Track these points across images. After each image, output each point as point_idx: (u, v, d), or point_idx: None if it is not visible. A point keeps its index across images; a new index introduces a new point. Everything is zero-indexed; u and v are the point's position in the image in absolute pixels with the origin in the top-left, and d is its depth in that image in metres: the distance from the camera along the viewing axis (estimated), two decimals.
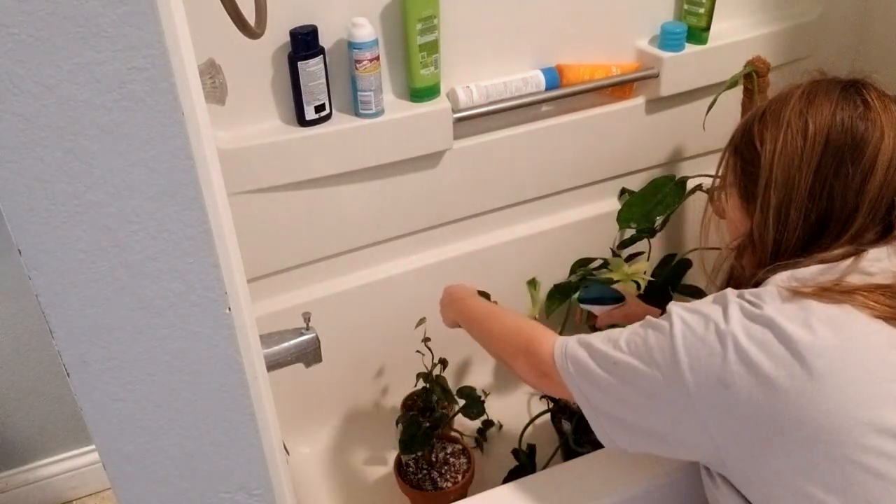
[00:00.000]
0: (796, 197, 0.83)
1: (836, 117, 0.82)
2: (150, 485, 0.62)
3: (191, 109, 0.50)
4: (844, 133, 0.81)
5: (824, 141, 0.81)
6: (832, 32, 1.68)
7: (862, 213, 0.81)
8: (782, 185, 0.84)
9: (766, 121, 0.87)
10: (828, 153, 0.81)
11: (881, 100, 0.83)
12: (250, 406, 0.61)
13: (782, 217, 0.84)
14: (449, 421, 1.42)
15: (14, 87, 0.44)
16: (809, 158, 0.82)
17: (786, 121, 0.84)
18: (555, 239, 1.64)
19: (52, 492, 1.59)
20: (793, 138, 0.83)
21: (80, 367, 0.55)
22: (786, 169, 0.83)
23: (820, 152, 0.81)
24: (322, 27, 1.26)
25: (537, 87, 1.46)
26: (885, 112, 0.82)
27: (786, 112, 0.85)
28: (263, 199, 1.33)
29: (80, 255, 0.51)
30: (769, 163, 0.85)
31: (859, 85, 0.85)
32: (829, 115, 0.82)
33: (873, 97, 0.83)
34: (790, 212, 0.84)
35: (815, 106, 0.83)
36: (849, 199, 0.81)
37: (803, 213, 0.83)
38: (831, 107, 0.82)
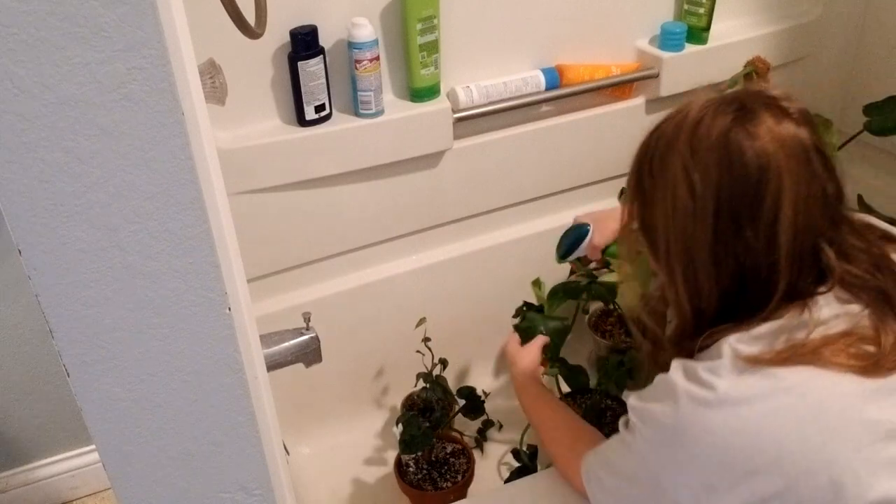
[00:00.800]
0: (700, 264, 0.74)
1: (722, 169, 0.71)
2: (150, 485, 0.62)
3: (191, 109, 0.50)
4: (734, 188, 0.70)
5: (714, 202, 0.71)
6: (832, 32, 1.68)
7: (781, 270, 0.72)
8: (681, 253, 0.75)
9: (653, 172, 0.77)
10: (722, 216, 0.71)
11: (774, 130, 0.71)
12: (250, 406, 0.61)
13: (691, 284, 0.76)
14: (449, 421, 1.42)
15: (14, 87, 0.44)
16: (703, 224, 0.72)
17: (672, 176, 0.74)
18: (555, 239, 1.63)
19: (52, 492, 1.59)
20: (681, 198, 0.73)
21: (80, 367, 0.55)
22: (680, 235, 0.74)
23: (712, 216, 0.71)
24: (322, 27, 1.26)
25: (537, 87, 1.46)
26: (780, 142, 0.70)
27: (671, 163, 0.74)
28: (263, 199, 1.33)
29: (80, 255, 0.51)
30: (664, 229, 0.75)
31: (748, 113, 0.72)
32: (714, 170, 0.71)
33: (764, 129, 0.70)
34: (699, 279, 0.75)
35: (699, 156, 0.72)
36: (760, 259, 0.72)
37: (714, 278, 0.74)
38: (717, 155, 0.71)
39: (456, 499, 1.32)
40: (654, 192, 0.76)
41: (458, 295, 1.58)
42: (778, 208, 0.70)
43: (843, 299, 0.73)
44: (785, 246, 0.71)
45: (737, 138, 0.71)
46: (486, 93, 1.42)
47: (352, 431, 1.62)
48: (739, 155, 0.70)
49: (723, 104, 0.74)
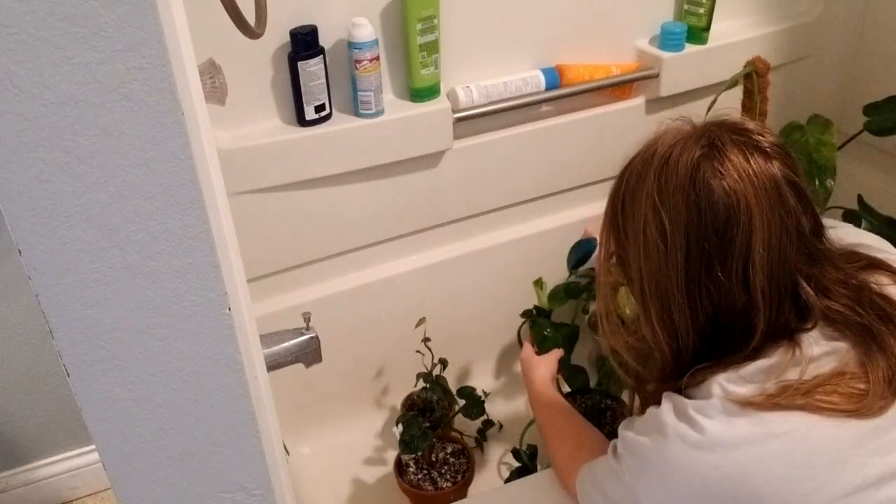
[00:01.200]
0: (675, 305, 0.72)
1: (690, 209, 0.69)
2: (150, 485, 0.62)
3: (191, 109, 0.50)
4: (703, 229, 0.69)
5: (684, 245, 0.70)
6: (832, 32, 1.68)
7: (759, 309, 0.70)
8: (656, 295, 0.73)
9: (625, 210, 0.76)
10: (692, 258, 0.70)
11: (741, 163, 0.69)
12: (250, 406, 0.61)
13: (668, 325, 0.74)
14: (449, 421, 1.42)
15: (14, 87, 0.44)
16: (675, 265, 0.71)
17: (642, 216, 0.73)
18: (555, 239, 1.64)
19: (52, 492, 1.59)
20: (651, 240, 0.72)
21: (80, 367, 0.55)
22: (654, 276, 0.73)
23: (683, 258, 0.70)
24: (322, 27, 1.26)
25: (537, 87, 1.46)
26: (749, 178, 0.68)
27: (641, 202, 0.73)
28: (263, 199, 1.33)
29: (80, 255, 0.51)
30: (637, 267, 0.74)
31: (715, 149, 0.70)
32: (683, 210, 0.69)
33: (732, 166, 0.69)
34: (675, 320, 0.73)
35: (667, 196, 0.70)
36: (735, 300, 0.70)
37: (689, 320, 0.72)
38: (684, 194, 0.69)
39: (456, 499, 1.32)
40: (627, 230, 0.75)
41: (458, 295, 1.58)
42: (750, 248, 0.69)
43: (829, 336, 0.72)
44: (760, 286, 0.69)
45: (704, 176, 0.69)
46: (486, 93, 1.42)
47: (352, 431, 1.62)
48: (707, 194, 0.69)
49: (691, 139, 0.72)
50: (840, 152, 1.34)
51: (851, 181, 1.59)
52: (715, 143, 0.71)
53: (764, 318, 0.71)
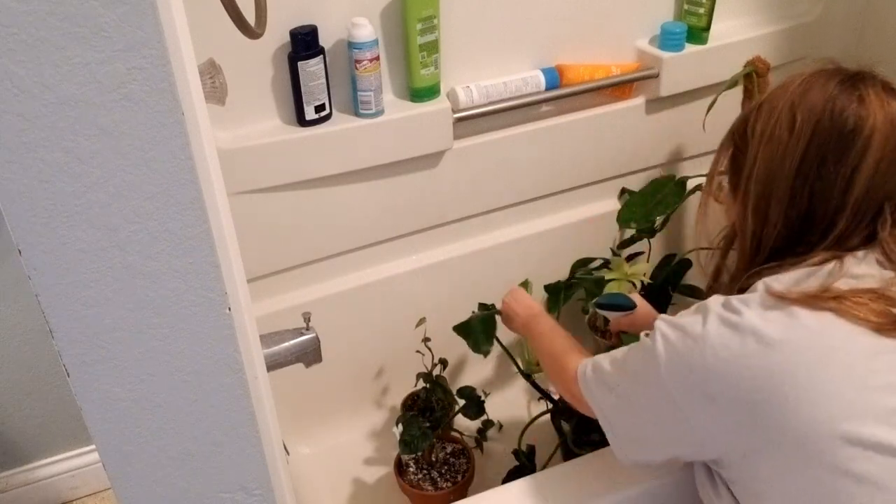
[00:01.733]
0: (777, 192, 0.81)
1: (825, 112, 0.78)
2: (150, 485, 0.62)
3: (191, 109, 0.50)
4: (831, 129, 0.78)
5: (808, 137, 0.78)
6: (832, 32, 1.68)
7: (845, 216, 0.78)
8: (763, 179, 0.82)
9: (761, 111, 0.84)
10: (811, 150, 0.78)
11: (881, 96, 0.79)
12: (250, 406, 0.61)
13: (761, 212, 0.83)
14: (449, 421, 1.42)
15: (14, 87, 0.44)
16: (792, 153, 0.79)
17: (777, 112, 0.81)
18: (555, 239, 1.64)
19: (52, 492, 1.59)
20: (779, 131, 0.80)
21: (80, 367, 0.55)
22: (767, 162, 0.81)
23: (803, 148, 0.79)
24: (322, 27, 1.26)
25: (537, 87, 1.46)
26: (883, 109, 0.78)
27: (779, 103, 0.82)
28: (263, 199, 1.33)
29: (80, 255, 0.51)
30: (753, 155, 0.83)
31: (861, 78, 0.81)
32: (818, 110, 0.79)
33: (872, 92, 0.79)
34: (770, 207, 0.82)
35: (807, 99, 0.80)
36: (831, 200, 0.78)
37: (784, 209, 0.81)
38: (823, 101, 0.79)
39: (456, 499, 1.32)
40: (756, 128, 0.84)
41: (458, 295, 1.58)
42: (861, 159, 0.77)
43: (881, 263, 0.78)
44: (856, 194, 0.78)
45: (845, 96, 0.79)
46: (486, 93, 1.42)
47: (352, 431, 1.62)
48: (842, 109, 0.78)
49: (838, 70, 0.83)
50: None
51: None
52: (856, 78, 0.81)
53: (843, 224, 0.79)
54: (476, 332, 1.32)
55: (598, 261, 1.62)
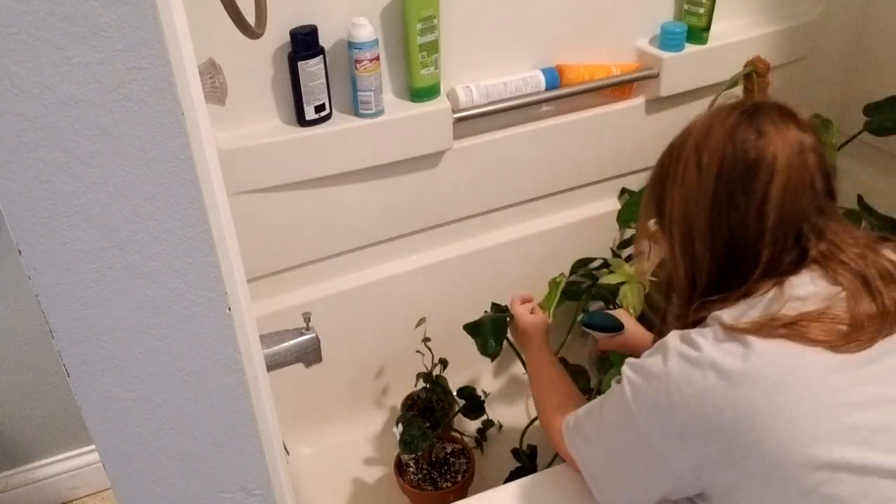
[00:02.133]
0: (697, 232, 0.83)
1: (727, 147, 0.81)
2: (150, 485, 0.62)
3: (191, 109, 0.50)
4: (735, 164, 0.80)
5: (716, 174, 0.81)
6: (832, 32, 1.68)
7: (766, 244, 0.80)
8: (682, 221, 0.85)
9: (671, 153, 0.88)
10: (720, 187, 0.81)
11: (777, 123, 0.81)
12: (250, 406, 0.61)
13: (688, 252, 0.85)
14: (449, 421, 1.42)
15: (14, 87, 0.44)
16: (704, 193, 0.82)
17: (685, 154, 0.85)
18: (555, 239, 1.64)
19: (52, 492, 1.59)
20: (689, 173, 0.83)
21: (80, 367, 0.55)
22: (683, 204, 0.84)
23: (713, 186, 0.81)
24: (322, 27, 1.26)
25: (537, 87, 1.46)
26: (781, 136, 0.80)
27: (686, 144, 0.85)
28: (263, 199, 1.33)
29: (80, 255, 0.51)
30: (670, 199, 0.86)
31: (757, 110, 0.83)
32: (721, 147, 0.81)
33: (769, 121, 0.81)
34: (695, 246, 0.84)
35: (710, 137, 0.83)
36: (749, 231, 0.80)
37: (707, 247, 0.83)
38: (724, 137, 0.82)
39: (456, 499, 1.32)
40: (669, 172, 0.87)
41: (458, 295, 1.59)
42: (768, 187, 0.79)
43: (823, 280, 0.79)
44: (771, 220, 0.79)
45: (744, 128, 0.82)
46: (486, 93, 1.42)
47: (352, 431, 1.62)
48: (743, 140, 0.81)
49: (740, 105, 0.85)
50: (840, 152, 1.34)
51: (851, 181, 1.59)
52: (759, 107, 0.84)
53: (767, 253, 0.80)
54: (486, 334, 1.32)
55: (598, 261, 1.62)
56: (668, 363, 0.78)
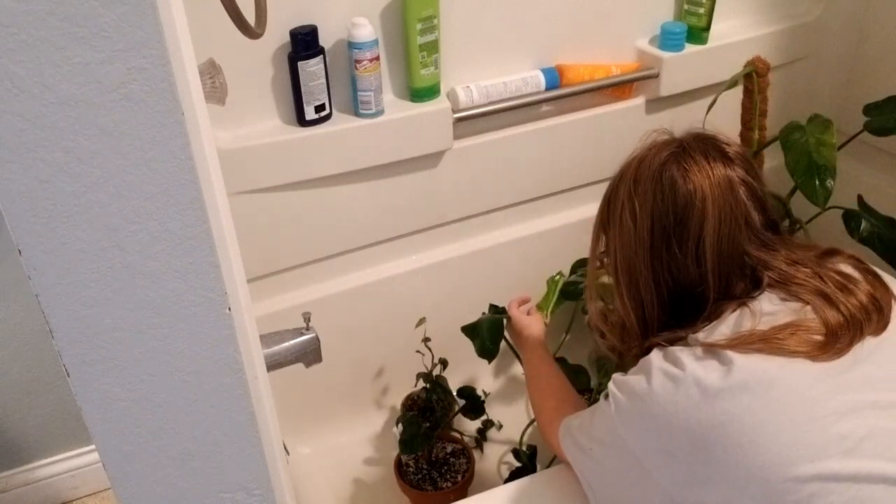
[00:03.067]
0: (641, 278, 0.85)
1: (656, 196, 0.82)
2: (150, 485, 0.62)
3: (191, 109, 0.50)
4: (666, 212, 0.82)
5: (650, 224, 0.83)
6: (832, 32, 1.68)
7: (710, 284, 0.82)
8: (626, 268, 0.87)
9: (609, 201, 0.90)
10: (656, 235, 0.83)
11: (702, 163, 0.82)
12: (250, 406, 0.61)
13: (636, 297, 0.87)
14: (449, 421, 1.42)
15: (14, 87, 0.44)
16: (642, 241, 0.84)
17: (620, 202, 0.86)
18: (555, 239, 1.64)
19: (52, 492, 1.59)
20: (625, 222, 0.85)
21: (80, 367, 0.55)
22: (624, 251, 0.86)
23: (649, 235, 0.83)
24: (322, 27, 1.26)
25: (537, 87, 1.46)
26: (707, 176, 0.81)
27: (620, 191, 0.87)
28: (263, 199, 1.33)
29: (80, 255, 0.51)
30: (613, 247, 0.88)
31: (684, 150, 0.84)
32: (651, 196, 0.83)
33: (694, 162, 0.82)
34: (640, 291, 0.86)
35: (640, 185, 0.84)
36: (690, 273, 0.82)
37: (653, 291, 0.85)
38: (653, 185, 0.83)
39: (456, 499, 1.32)
40: (609, 218, 0.89)
41: (458, 295, 1.58)
42: (702, 231, 0.81)
43: (785, 298, 0.80)
44: (710, 264, 0.81)
45: (671, 171, 0.83)
46: (486, 93, 1.42)
47: (352, 431, 1.62)
48: (671, 185, 0.82)
49: (666, 145, 0.86)
50: (840, 152, 1.34)
51: (851, 181, 1.59)
52: (684, 147, 0.85)
53: (714, 291, 0.82)
54: (483, 336, 1.32)
55: None
56: (652, 382, 0.78)
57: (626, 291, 0.87)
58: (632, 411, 0.80)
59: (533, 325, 1.24)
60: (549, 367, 1.15)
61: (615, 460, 0.84)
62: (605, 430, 0.85)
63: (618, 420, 0.81)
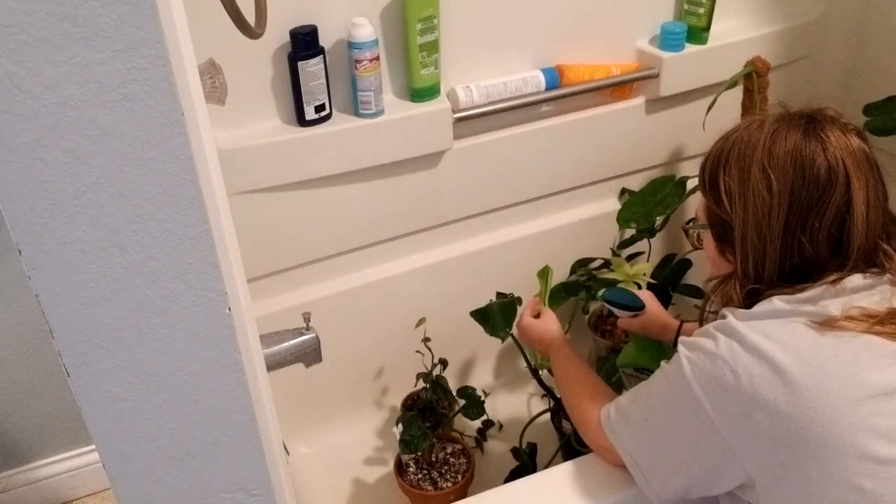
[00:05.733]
0: (770, 251, 0.84)
1: (797, 173, 0.81)
2: (150, 485, 0.62)
3: (191, 109, 0.50)
4: (808, 187, 0.81)
5: (789, 199, 0.82)
6: (832, 32, 1.68)
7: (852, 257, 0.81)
8: (755, 243, 0.85)
9: (730, 171, 0.87)
10: (793, 211, 0.82)
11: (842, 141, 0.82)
12: (250, 406, 0.61)
13: (759, 267, 0.85)
14: (449, 421, 1.42)
15: (14, 87, 0.44)
16: (777, 216, 0.82)
17: (750, 176, 0.84)
18: (555, 239, 1.64)
19: (52, 492, 1.59)
20: (759, 197, 0.83)
21: (80, 367, 0.55)
22: (756, 227, 0.84)
23: (787, 210, 0.82)
24: (322, 27, 1.26)
25: (537, 87, 1.46)
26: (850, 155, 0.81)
27: (749, 165, 0.85)
28: (263, 199, 1.33)
29: (80, 255, 0.51)
30: (740, 221, 0.85)
31: (817, 122, 0.84)
32: (790, 171, 0.82)
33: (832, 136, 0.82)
34: (766, 263, 0.85)
35: (776, 160, 0.83)
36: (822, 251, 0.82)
37: (778, 262, 0.84)
38: (792, 159, 0.82)
39: (456, 499, 1.32)
40: (732, 190, 0.86)
41: (458, 295, 1.58)
42: (850, 206, 0.81)
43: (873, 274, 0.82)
44: (858, 240, 0.81)
45: (810, 146, 0.82)
46: (486, 93, 1.42)
47: (352, 431, 1.62)
48: (812, 160, 0.81)
49: (794, 119, 0.86)
50: None
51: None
52: (816, 121, 0.85)
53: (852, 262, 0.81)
54: (494, 318, 1.30)
55: (598, 261, 1.62)
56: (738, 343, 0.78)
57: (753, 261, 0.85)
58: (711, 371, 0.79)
59: (549, 326, 1.22)
60: (578, 364, 1.13)
61: (678, 423, 0.83)
62: (671, 391, 0.84)
63: (693, 379, 0.80)
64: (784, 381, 0.74)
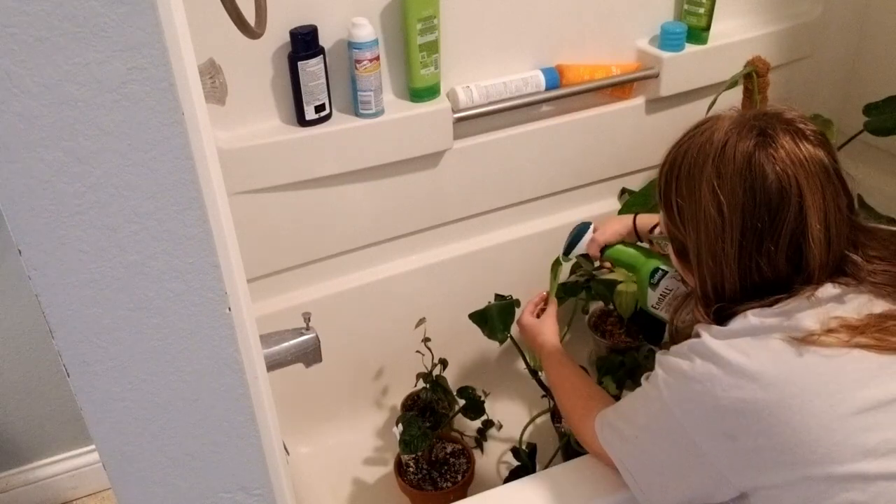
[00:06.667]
0: (727, 273, 0.81)
1: (747, 194, 0.77)
2: (150, 485, 0.62)
3: (191, 109, 0.50)
4: (759, 209, 0.77)
5: (741, 221, 0.78)
6: (832, 32, 1.68)
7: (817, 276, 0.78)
8: (710, 266, 0.82)
9: (681, 190, 0.83)
10: (746, 233, 0.78)
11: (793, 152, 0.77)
12: (250, 406, 0.61)
13: (719, 288, 0.83)
14: (449, 421, 1.42)
15: (14, 87, 0.44)
16: (731, 239, 0.79)
17: (701, 197, 0.81)
18: (555, 239, 1.63)
19: (52, 492, 1.59)
20: (710, 219, 0.80)
21: (80, 367, 0.55)
22: (710, 250, 0.81)
23: (739, 232, 0.79)
24: (322, 27, 1.26)
25: (537, 87, 1.46)
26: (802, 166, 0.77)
27: (699, 183, 0.81)
28: (263, 199, 1.33)
29: (80, 255, 0.51)
30: (694, 243, 0.83)
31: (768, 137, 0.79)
32: (740, 192, 0.78)
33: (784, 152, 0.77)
34: (724, 284, 0.82)
35: (725, 179, 0.79)
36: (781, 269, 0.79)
37: (738, 283, 0.81)
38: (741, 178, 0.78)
39: (456, 499, 1.31)
40: (684, 210, 0.83)
41: (458, 295, 1.58)
42: (805, 225, 0.77)
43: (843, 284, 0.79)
44: (818, 257, 0.77)
45: (759, 162, 0.77)
46: (486, 93, 1.42)
47: (352, 431, 1.62)
48: (762, 178, 0.77)
49: (744, 128, 0.80)
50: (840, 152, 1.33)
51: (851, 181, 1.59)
52: (767, 132, 0.79)
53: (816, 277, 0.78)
54: (493, 320, 1.30)
55: None
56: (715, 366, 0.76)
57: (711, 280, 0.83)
58: (690, 395, 0.78)
59: (545, 329, 1.22)
60: (570, 368, 1.12)
61: (667, 446, 0.82)
62: (654, 415, 0.83)
63: (673, 404, 0.80)
64: (767, 401, 0.73)
